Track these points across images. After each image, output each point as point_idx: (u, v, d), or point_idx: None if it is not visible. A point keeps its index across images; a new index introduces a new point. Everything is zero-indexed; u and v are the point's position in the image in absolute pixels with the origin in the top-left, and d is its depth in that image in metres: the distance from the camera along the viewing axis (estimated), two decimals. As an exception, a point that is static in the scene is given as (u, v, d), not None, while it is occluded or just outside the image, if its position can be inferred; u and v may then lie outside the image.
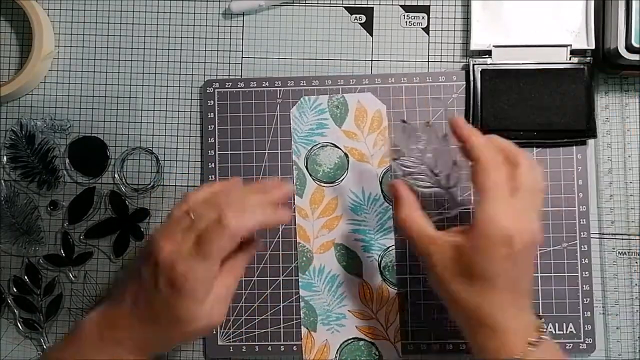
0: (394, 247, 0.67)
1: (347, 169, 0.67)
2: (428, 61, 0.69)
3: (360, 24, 0.69)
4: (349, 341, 0.67)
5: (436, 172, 0.60)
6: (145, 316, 0.54)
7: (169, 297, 0.52)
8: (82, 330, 0.56)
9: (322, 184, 0.68)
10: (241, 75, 0.69)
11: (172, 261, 0.52)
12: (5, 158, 0.69)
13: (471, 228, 0.53)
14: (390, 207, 0.66)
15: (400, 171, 0.61)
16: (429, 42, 0.69)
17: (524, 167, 0.54)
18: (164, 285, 0.52)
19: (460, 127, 0.56)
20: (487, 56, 0.66)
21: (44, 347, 0.68)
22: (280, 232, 0.67)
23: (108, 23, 0.70)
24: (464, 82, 0.67)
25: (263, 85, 0.68)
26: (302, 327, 0.67)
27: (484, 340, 0.54)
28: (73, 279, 0.69)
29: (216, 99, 0.68)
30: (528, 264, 0.55)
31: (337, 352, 0.67)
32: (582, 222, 0.66)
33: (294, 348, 0.67)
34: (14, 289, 0.69)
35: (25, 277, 0.69)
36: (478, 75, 0.66)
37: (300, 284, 0.67)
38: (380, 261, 0.67)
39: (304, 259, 0.67)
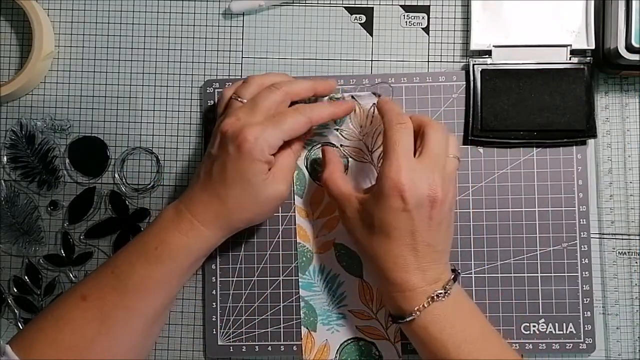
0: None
1: (347, 168, 0.67)
2: (428, 61, 0.69)
3: (360, 24, 0.69)
4: (349, 341, 0.67)
5: (371, 148, 0.66)
6: (219, 185, 0.59)
7: (238, 157, 0.57)
8: (161, 214, 0.61)
9: (317, 182, 0.68)
10: (241, 75, 0.69)
11: (239, 129, 0.57)
12: (5, 158, 0.69)
13: (375, 184, 0.58)
14: None
15: (339, 140, 0.67)
16: (429, 42, 0.69)
17: (430, 133, 0.58)
18: (233, 149, 0.57)
19: (381, 101, 0.62)
20: (487, 56, 0.66)
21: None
22: (280, 232, 0.67)
23: (108, 23, 0.70)
24: (464, 82, 0.67)
25: (263, 85, 0.68)
26: (302, 327, 0.67)
27: (388, 294, 0.58)
28: (73, 279, 0.69)
29: (216, 99, 0.68)
30: (429, 221, 0.57)
31: (337, 352, 0.67)
32: (582, 222, 0.66)
33: (294, 348, 0.67)
34: (14, 289, 0.69)
35: (26, 277, 0.69)
36: (478, 75, 0.66)
37: (300, 284, 0.67)
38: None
39: (304, 259, 0.67)
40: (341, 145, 0.67)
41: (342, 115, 0.64)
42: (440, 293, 0.56)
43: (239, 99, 0.61)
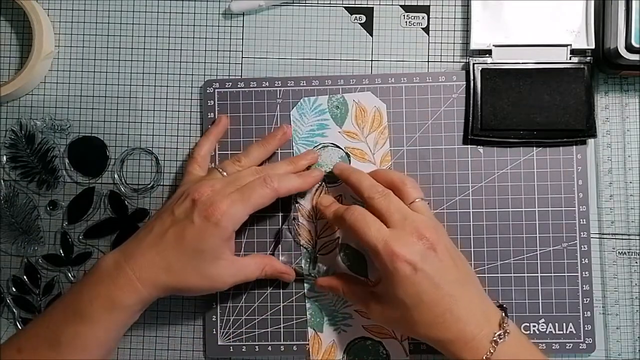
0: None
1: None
2: (428, 61, 0.69)
3: (360, 24, 0.69)
4: (357, 341, 0.67)
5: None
6: (171, 247, 0.58)
7: (202, 228, 0.57)
8: (99, 263, 0.59)
9: (325, 185, 0.68)
10: (241, 75, 0.69)
11: (212, 199, 0.58)
12: (5, 158, 0.69)
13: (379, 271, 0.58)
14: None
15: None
16: (429, 42, 0.69)
17: (380, 202, 0.60)
18: (200, 217, 0.57)
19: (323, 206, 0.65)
20: (487, 55, 0.66)
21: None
22: (281, 233, 0.67)
23: (108, 23, 0.70)
24: (464, 82, 0.67)
25: (263, 85, 0.68)
26: (308, 328, 0.67)
27: (453, 354, 0.56)
28: (72, 279, 0.69)
29: (216, 99, 0.68)
30: (442, 264, 0.57)
31: (344, 352, 0.67)
32: (582, 222, 0.66)
33: (294, 348, 0.67)
34: (13, 288, 0.69)
35: (25, 277, 0.69)
36: (478, 75, 0.66)
37: (305, 285, 0.67)
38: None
39: (309, 259, 0.67)
40: (345, 147, 0.67)
41: (309, 187, 0.65)
42: (500, 334, 0.55)
43: (221, 171, 0.63)
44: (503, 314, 0.57)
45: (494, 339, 0.55)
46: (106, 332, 0.57)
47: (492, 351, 0.54)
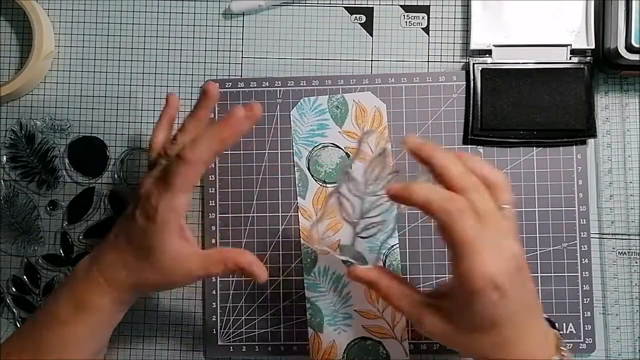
0: (398, 246, 0.67)
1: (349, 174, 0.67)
2: (428, 61, 0.69)
3: (360, 24, 0.69)
4: (356, 341, 0.67)
5: (364, 215, 0.58)
6: (125, 247, 0.56)
7: (144, 227, 0.55)
8: (74, 268, 0.59)
9: (325, 185, 0.68)
10: (241, 75, 0.69)
11: (148, 193, 0.55)
12: (4, 158, 0.69)
13: (454, 286, 0.51)
14: (395, 206, 0.58)
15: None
16: (429, 42, 0.69)
17: (474, 197, 0.50)
18: (140, 215, 0.55)
19: (410, 187, 0.51)
20: (487, 55, 0.66)
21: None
22: (280, 232, 0.67)
23: (108, 23, 0.70)
24: (464, 82, 0.67)
25: (263, 85, 0.68)
26: (308, 328, 0.67)
27: None
28: (72, 279, 0.69)
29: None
30: (525, 286, 0.51)
31: (344, 352, 0.67)
32: (582, 222, 0.66)
33: (294, 348, 0.67)
34: (13, 288, 0.69)
35: (25, 277, 0.69)
36: (478, 75, 0.66)
37: (305, 285, 0.67)
38: (385, 260, 0.67)
39: (309, 260, 0.67)
40: (345, 147, 0.67)
41: (232, 137, 0.53)
42: (563, 356, 0.52)
43: (166, 157, 0.57)
44: (557, 333, 0.54)
45: None
46: (84, 332, 0.57)
47: None
